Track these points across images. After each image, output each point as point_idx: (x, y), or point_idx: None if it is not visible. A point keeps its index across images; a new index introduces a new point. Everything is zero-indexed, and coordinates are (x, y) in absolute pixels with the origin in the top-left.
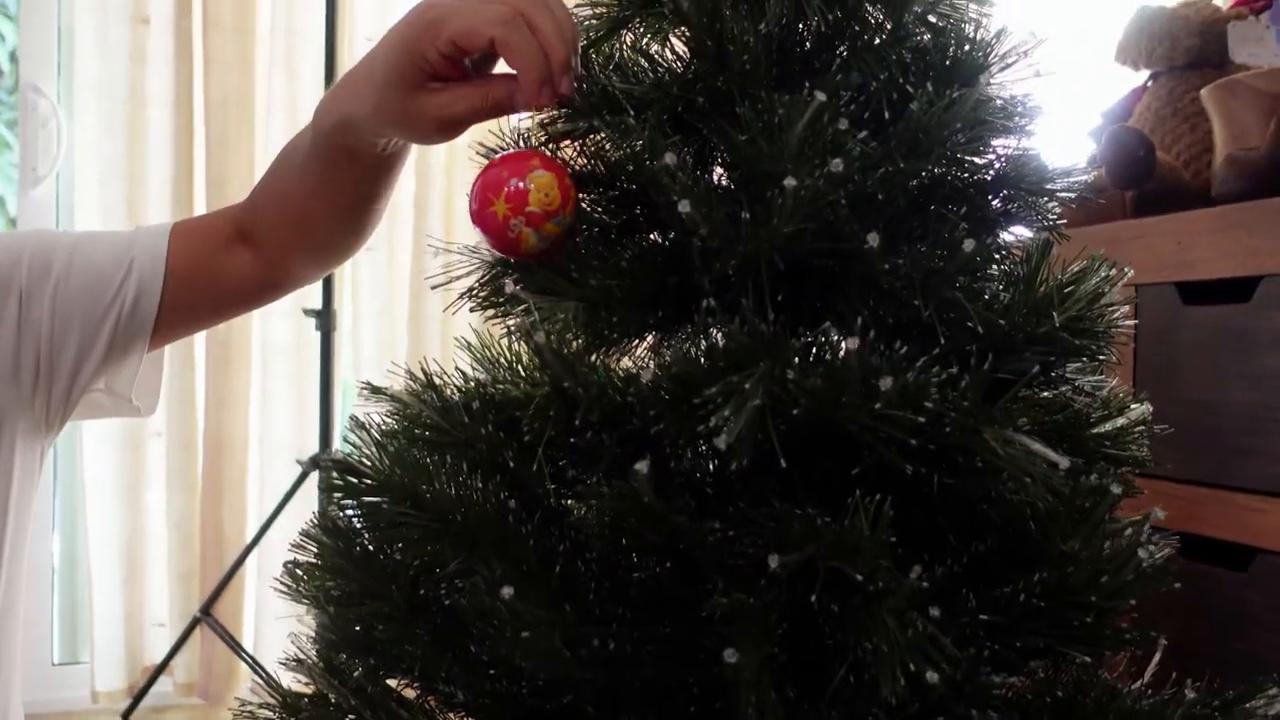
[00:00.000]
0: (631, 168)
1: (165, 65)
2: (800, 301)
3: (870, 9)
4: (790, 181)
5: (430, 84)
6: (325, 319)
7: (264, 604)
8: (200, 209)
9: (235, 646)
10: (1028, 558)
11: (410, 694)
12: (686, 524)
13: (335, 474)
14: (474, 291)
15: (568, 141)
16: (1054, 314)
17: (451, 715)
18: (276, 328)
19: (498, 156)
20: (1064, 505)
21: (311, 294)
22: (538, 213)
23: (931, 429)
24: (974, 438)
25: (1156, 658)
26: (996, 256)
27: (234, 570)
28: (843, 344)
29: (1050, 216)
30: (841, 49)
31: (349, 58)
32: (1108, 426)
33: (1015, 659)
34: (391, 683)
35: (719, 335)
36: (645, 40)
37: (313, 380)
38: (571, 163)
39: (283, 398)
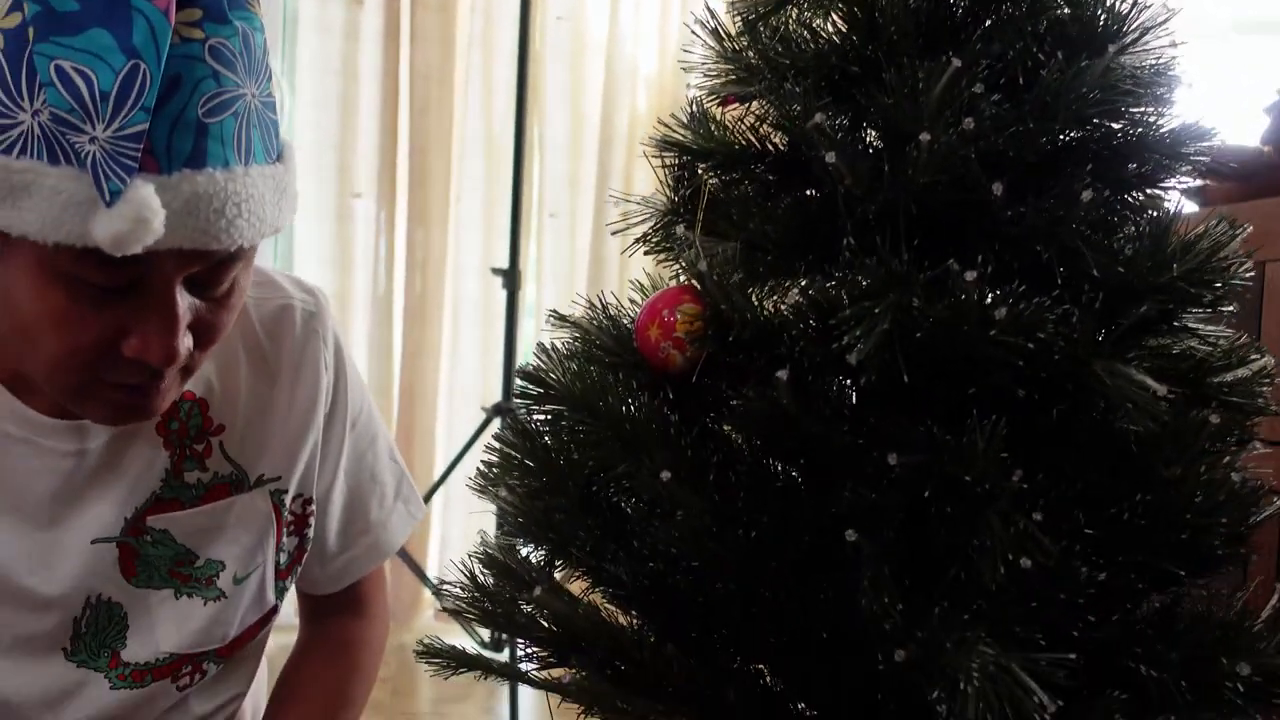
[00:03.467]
0: (788, 126)
1: (375, 42)
2: (933, 245)
3: None
4: (925, 137)
5: None
6: (511, 278)
7: (448, 539)
8: (403, 174)
9: (421, 575)
10: (1130, 480)
11: (577, 587)
12: (819, 428)
13: (524, 383)
14: (647, 236)
15: (735, 105)
16: (1174, 265)
17: (604, 602)
18: (466, 286)
19: (657, 293)
20: (1166, 433)
21: (499, 254)
22: (682, 338)
23: (1042, 357)
24: (1082, 367)
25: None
26: (1127, 214)
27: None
28: (964, 276)
29: (1183, 179)
30: (985, 20)
31: (541, 36)
32: (1229, 376)
33: (1116, 573)
34: (560, 574)
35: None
36: (808, 14)
37: (498, 335)
38: (737, 123)
39: (470, 350)
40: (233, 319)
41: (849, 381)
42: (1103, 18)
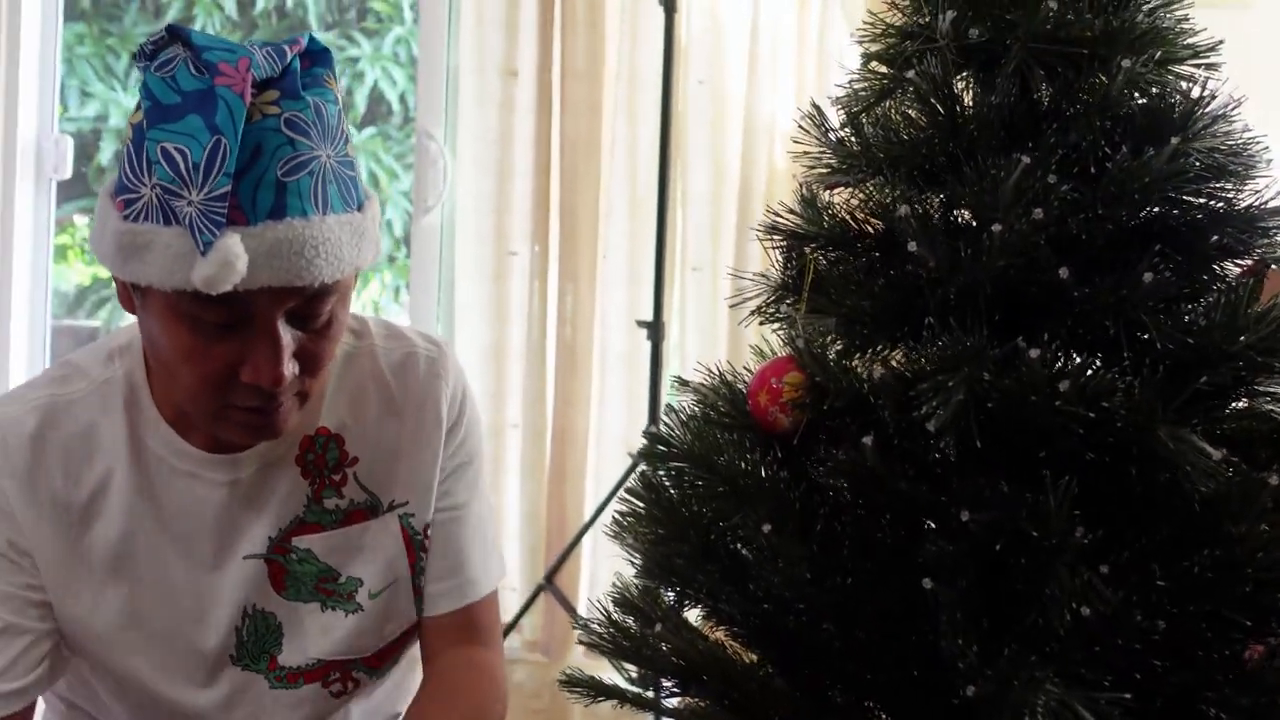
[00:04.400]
0: (881, 214)
1: (529, 112)
2: (1010, 321)
3: (1087, 81)
4: (996, 227)
5: None
6: (655, 330)
7: (596, 577)
8: (554, 236)
9: (572, 611)
10: (1198, 537)
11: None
12: (903, 487)
13: (650, 443)
14: (761, 309)
15: (839, 189)
16: (1246, 333)
17: (725, 637)
18: (614, 337)
19: (767, 361)
20: (1233, 493)
21: (643, 307)
22: (787, 404)
23: (1107, 424)
24: (1146, 433)
25: None
26: (1211, 284)
27: (573, 545)
28: (1030, 353)
29: (1259, 252)
30: (1064, 113)
31: (683, 98)
32: None
33: (1187, 623)
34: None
35: (929, 347)
36: (904, 109)
37: (643, 383)
38: (840, 207)
39: (617, 398)
40: (333, 350)
41: (933, 444)
42: (1174, 108)
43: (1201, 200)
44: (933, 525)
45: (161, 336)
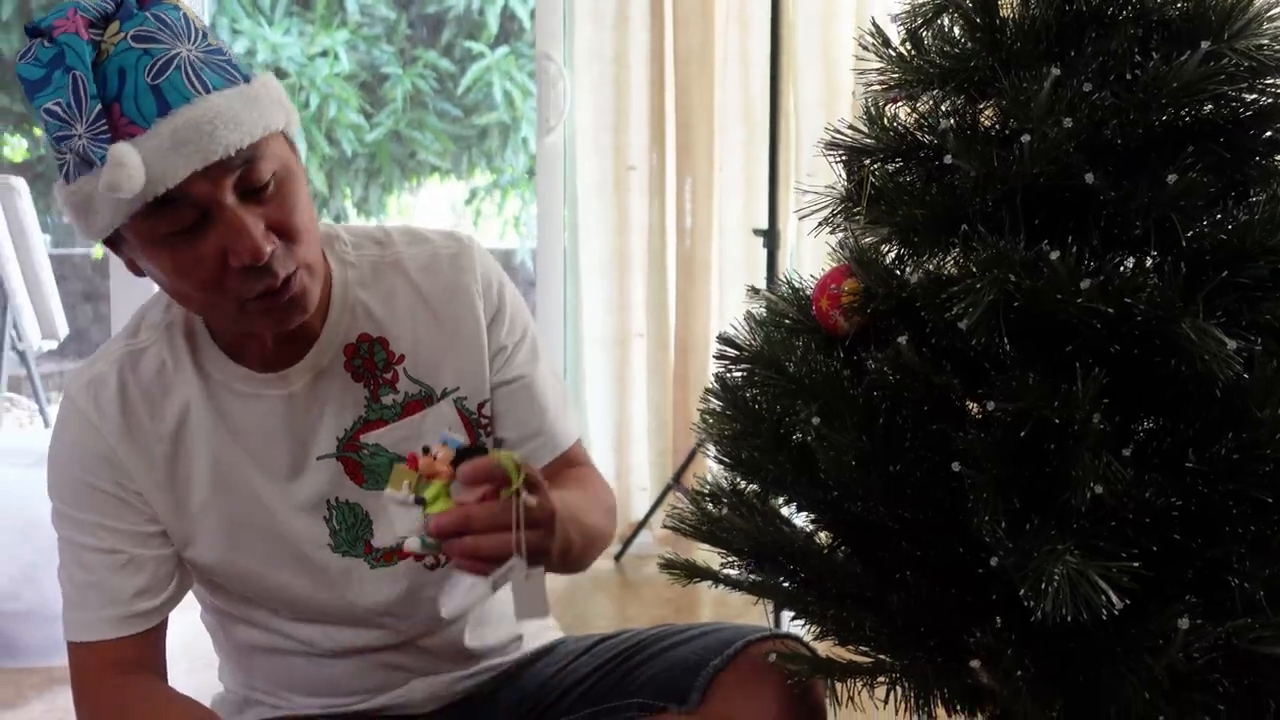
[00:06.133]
0: (928, 128)
1: (642, 28)
2: (1047, 224)
3: None
4: (1025, 138)
5: None
6: (770, 238)
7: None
8: (670, 151)
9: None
10: (1221, 422)
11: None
12: (940, 380)
13: (722, 346)
14: (829, 219)
15: (899, 103)
16: None
17: (798, 519)
18: (731, 246)
19: (828, 270)
20: (1257, 380)
21: (759, 215)
22: (846, 308)
23: (1130, 319)
24: (1169, 326)
25: None
26: (1249, 182)
27: (697, 449)
28: (1050, 255)
29: None
30: (1101, 21)
31: (793, 8)
32: None
33: (1219, 502)
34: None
35: (975, 251)
36: (952, 26)
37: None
38: (896, 121)
39: (736, 306)
40: (302, 214)
41: (968, 342)
42: (1211, 12)
43: (1253, 97)
44: (967, 414)
45: (161, 271)
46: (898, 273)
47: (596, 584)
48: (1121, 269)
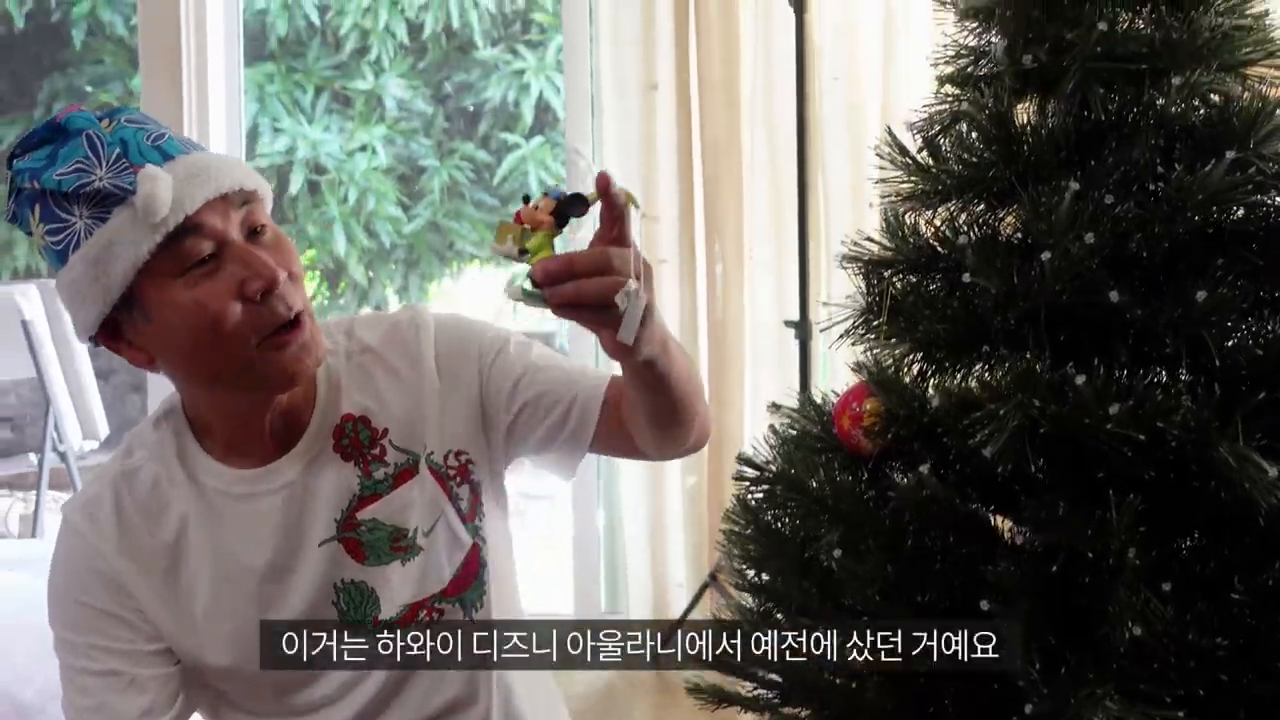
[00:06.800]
0: (947, 242)
1: (669, 121)
2: (1073, 340)
3: (1146, 96)
4: (1046, 255)
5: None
6: (803, 329)
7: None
8: (700, 241)
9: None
10: (1262, 548)
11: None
12: (966, 510)
13: (742, 467)
14: (848, 332)
15: (917, 211)
16: None
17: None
18: (763, 337)
19: (850, 386)
20: None
21: (790, 307)
22: (870, 424)
23: (1164, 444)
24: (1206, 450)
25: None
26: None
27: (711, 579)
28: (1076, 379)
29: None
30: (1123, 130)
31: (818, 100)
32: None
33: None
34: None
35: (998, 370)
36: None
37: (794, 383)
38: (916, 230)
39: (768, 397)
40: (300, 267)
41: (994, 468)
42: (1234, 117)
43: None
44: (998, 536)
45: (178, 326)
46: (919, 393)
47: (633, 687)
48: (1153, 391)
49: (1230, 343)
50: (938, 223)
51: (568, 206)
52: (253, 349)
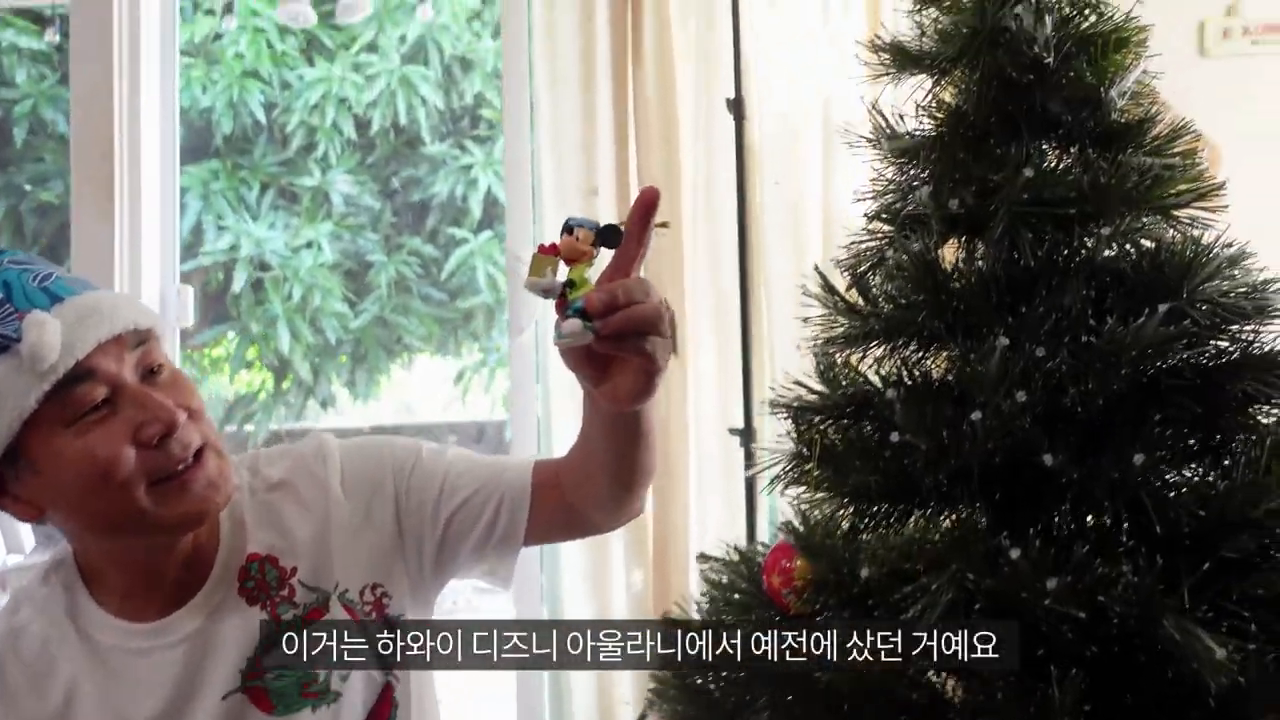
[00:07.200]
0: (872, 394)
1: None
2: (1013, 498)
3: (1075, 240)
4: (976, 415)
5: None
6: (747, 436)
7: None
8: None
9: None
10: None
11: None
12: (900, 692)
13: (668, 630)
14: (778, 478)
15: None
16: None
17: None
18: (709, 443)
19: (778, 542)
20: (1254, 684)
21: (734, 414)
22: (799, 585)
23: (1102, 619)
24: (1151, 625)
25: None
26: (1238, 436)
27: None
28: (1011, 552)
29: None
30: (1053, 276)
31: (759, 204)
32: None
33: None
34: None
35: (931, 529)
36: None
37: (739, 494)
38: (846, 373)
39: (716, 505)
40: (200, 402)
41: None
42: (1165, 265)
43: (1224, 344)
44: (944, 706)
45: (68, 477)
46: (849, 557)
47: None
48: (1092, 560)
49: (1171, 500)
50: (867, 366)
51: (607, 238)
52: (152, 498)
